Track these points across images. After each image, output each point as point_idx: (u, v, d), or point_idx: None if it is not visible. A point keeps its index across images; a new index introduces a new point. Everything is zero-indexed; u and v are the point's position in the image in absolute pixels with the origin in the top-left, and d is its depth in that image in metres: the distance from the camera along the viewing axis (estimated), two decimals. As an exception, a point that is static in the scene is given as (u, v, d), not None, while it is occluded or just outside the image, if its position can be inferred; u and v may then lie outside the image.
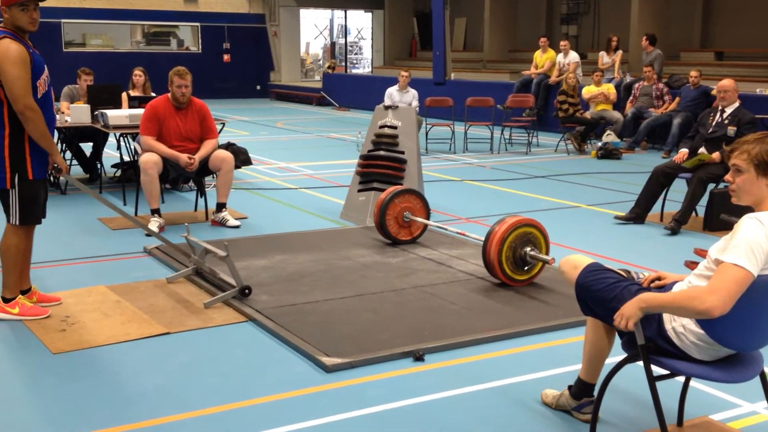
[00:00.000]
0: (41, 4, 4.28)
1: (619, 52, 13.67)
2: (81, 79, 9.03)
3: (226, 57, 22.92)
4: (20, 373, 3.80)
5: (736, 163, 2.70)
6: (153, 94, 8.81)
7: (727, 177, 2.78)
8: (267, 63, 23.89)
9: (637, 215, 6.98)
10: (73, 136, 8.64)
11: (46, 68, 4.32)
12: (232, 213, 6.97)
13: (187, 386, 3.62)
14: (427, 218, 6.23)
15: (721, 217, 5.87)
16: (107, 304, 4.68)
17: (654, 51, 12.84)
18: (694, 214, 6.89)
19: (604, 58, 13.71)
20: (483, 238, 5.03)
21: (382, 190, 6.38)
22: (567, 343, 4.13)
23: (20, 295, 4.46)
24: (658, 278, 2.99)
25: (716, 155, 6.69)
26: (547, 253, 5.07)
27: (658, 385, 2.77)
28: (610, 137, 11.61)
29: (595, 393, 3.08)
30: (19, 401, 3.50)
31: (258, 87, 23.65)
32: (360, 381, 3.66)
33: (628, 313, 2.70)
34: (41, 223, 4.47)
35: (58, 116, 8.10)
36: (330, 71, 23.09)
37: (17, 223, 4.31)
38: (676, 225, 6.63)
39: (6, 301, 4.43)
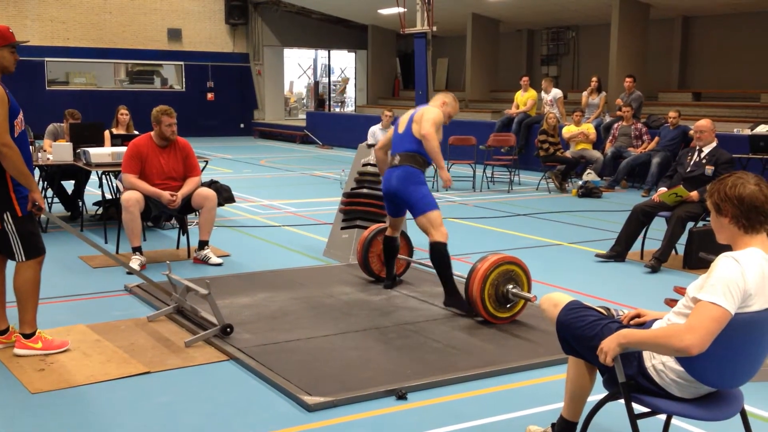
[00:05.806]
0: (24, 44, 4.39)
1: (603, 94, 13.88)
2: (67, 120, 9.03)
3: (210, 95, 23.02)
4: (-3, 413, 3.74)
5: (708, 202, 2.80)
6: (136, 132, 8.83)
7: None
8: (251, 101, 24.03)
9: (618, 253, 7.04)
10: (54, 173, 8.62)
11: (21, 111, 4.36)
12: (214, 251, 6.95)
13: (168, 426, 3.58)
14: (410, 256, 6.25)
15: (701, 255, 5.93)
16: (87, 343, 4.64)
17: (635, 92, 13.04)
18: (674, 252, 6.95)
19: (587, 98, 13.88)
20: (465, 276, 5.06)
21: (365, 228, 6.40)
22: (550, 381, 4.14)
23: (39, 330, 4.46)
24: (638, 315, 3.02)
25: (694, 194, 6.78)
26: (529, 291, 5.09)
27: (640, 422, 2.78)
28: (590, 176, 11.75)
29: (578, 431, 3.08)
30: (-5, 442, 3.45)
31: (242, 125, 23.76)
32: (343, 420, 3.64)
33: (607, 347, 2.74)
34: (46, 251, 4.47)
35: (39, 154, 8.11)
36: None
37: (23, 259, 4.34)
38: (657, 263, 6.69)
39: (27, 336, 4.42)
